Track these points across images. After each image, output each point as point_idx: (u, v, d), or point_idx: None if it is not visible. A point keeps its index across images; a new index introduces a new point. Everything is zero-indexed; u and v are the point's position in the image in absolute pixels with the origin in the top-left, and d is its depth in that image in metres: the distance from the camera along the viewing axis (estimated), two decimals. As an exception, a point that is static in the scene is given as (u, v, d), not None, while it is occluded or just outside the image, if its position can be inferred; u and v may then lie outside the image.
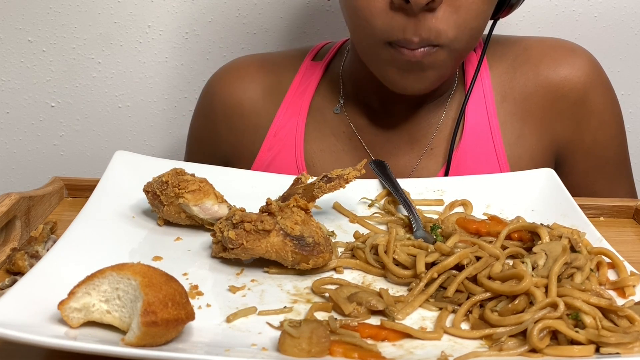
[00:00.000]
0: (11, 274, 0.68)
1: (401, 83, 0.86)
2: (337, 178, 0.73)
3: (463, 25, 0.82)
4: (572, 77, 0.97)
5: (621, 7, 1.30)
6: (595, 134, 0.98)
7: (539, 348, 0.54)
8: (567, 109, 0.97)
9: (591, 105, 0.97)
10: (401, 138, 0.99)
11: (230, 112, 1.04)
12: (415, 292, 0.63)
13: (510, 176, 0.87)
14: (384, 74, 0.87)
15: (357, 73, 0.99)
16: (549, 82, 0.97)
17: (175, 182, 0.72)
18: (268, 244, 0.65)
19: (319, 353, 0.53)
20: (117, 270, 0.54)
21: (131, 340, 0.51)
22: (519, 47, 1.00)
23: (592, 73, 0.97)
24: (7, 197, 0.74)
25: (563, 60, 0.97)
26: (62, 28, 1.28)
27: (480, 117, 0.97)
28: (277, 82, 1.04)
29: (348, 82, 1.02)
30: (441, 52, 0.83)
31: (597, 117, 0.98)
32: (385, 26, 0.81)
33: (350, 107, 1.01)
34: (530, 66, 0.98)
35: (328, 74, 1.04)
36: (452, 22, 0.81)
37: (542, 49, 0.99)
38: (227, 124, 1.04)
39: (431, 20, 0.80)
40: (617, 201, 0.87)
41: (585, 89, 0.97)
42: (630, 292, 0.64)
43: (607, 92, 0.99)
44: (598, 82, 0.98)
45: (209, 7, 1.29)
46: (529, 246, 0.70)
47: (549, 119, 0.98)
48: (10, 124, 1.35)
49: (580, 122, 0.98)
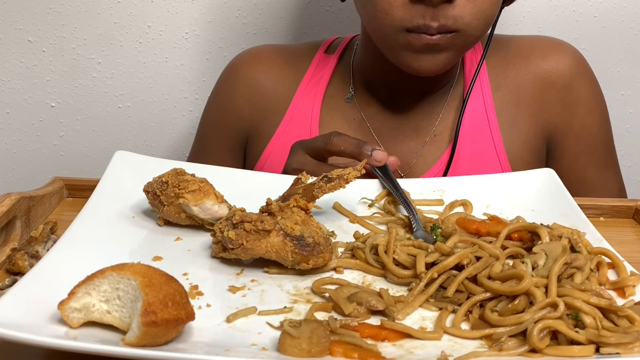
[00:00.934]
0: (11, 274, 0.68)
1: (415, 64, 0.92)
2: (337, 178, 0.73)
3: (479, 13, 0.88)
4: (559, 66, 1.05)
5: (621, 7, 1.30)
6: (583, 120, 1.06)
7: (539, 348, 0.54)
8: (555, 96, 1.05)
9: (577, 92, 1.05)
10: (407, 125, 1.05)
11: (253, 92, 1.10)
12: (415, 292, 0.63)
13: (511, 176, 0.87)
14: (400, 57, 0.92)
15: (366, 66, 1.07)
16: (538, 71, 1.05)
17: (175, 182, 0.72)
18: (268, 244, 0.65)
19: (319, 353, 0.53)
20: (117, 270, 0.54)
21: (131, 340, 0.51)
22: (512, 43, 1.08)
23: (577, 64, 1.06)
24: (7, 197, 0.74)
25: (550, 53, 1.06)
26: (62, 28, 1.29)
27: (478, 106, 1.04)
28: (295, 70, 1.11)
29: (358, 74, 1.08)
30: (457, 37, 0.89)
31: (583, 104, 1.06)
32: (405, 16, 0.87)
33: (360, 97, 1.08)
34: (521, 58, 1.06)
35: (340, 66, 1.11)
36: (468, 10, 0.87)
37: (531, 44, 1.08)
38: (251, 102, 1.10)
39: (449, 8, 0.86)
40: (617, 201, 0.87)
41: (571, 77, 1.05)
42: (630, 292, 0.64)
43: (591, 81, 1.07)
44: (583, 71, 1.06)
45: (209, 7, 1.29)
46: (529, 246, 0.70)
47: (540, 105, 1.05)
48: (10, 124, 1.35)
49: (569, 108, 1.06)
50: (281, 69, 1.11)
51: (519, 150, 1.03)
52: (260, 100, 1.10)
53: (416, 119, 1.05)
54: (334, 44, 1.14)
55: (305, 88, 1.09)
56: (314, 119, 1.07)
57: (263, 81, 1.10)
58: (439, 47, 0.89)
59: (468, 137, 1.03)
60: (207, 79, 1.33)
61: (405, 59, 0.92)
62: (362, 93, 1.08)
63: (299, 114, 1.08)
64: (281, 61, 1.11)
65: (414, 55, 0.91)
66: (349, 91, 1.08)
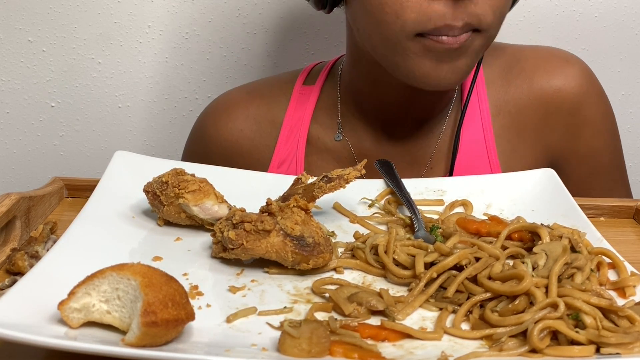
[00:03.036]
0: (11, 274, 0.68)
1: (434, 75, 0.81)
2: (337, 178, 0.73)
3: (498, 10, 0.80)
4: (565, 88, 0.96)
5: (621, 7, 1.30)
6: (589, 143, 0.99)
7: (539, 348, 0.54)
8: (560, 120, 0.98)
9: (585, 115, 0.98)
10: (403, 159, 0.97)
11: (229, 153, 1.01)
12: (415, 293, 0.63)
13: (511, 176, 0.86)
14: (414, 69, 0.82)
15: (357, 93, 0.97)
16: (542, 93, 0.97)
17: (175, 182, 0.72)
18: (268, 244, 0.65)
19: (319, 353, 0.53)
20: (117, 270, 0.54)
21: (131, 340, 0.51)
22: (513, 57, 1.00)
23: (585, 83, 0.97)
24: (7, 197, 0.74)
25: (556, 72, 0.97)
26: (62, 28, 1.28)
27: (476, 133, 0.96)
28: (271, 114, 1.00)
29: (346, 103, 0.98)
30: (479, 37, 0.81)
31: (590, 126, 0.98)
32: (420, 17, 0.78)
33: (350, 133, 0.98)
34: (524, 79, 0.98)
35: (323, 99, 1.00)
36: (489, 6, 0.79)
37: (535, 60, 0.99)
38: (230, 162, 0.98)
39: (470, 6, 0.78)
40: (618, 201, 0.87)
41: (579, 100, 0.97)
42: (631, 292, 0.64)
43: (600, 101, 0.99)
44: (591, 92, 0.98)
45: (209, 7, 1.29)
46: (529, 246, 0.70)
47: (543, 130, 0.98)
48: (10, 124, 1.35)
49: (574, 132, 0.98)
50: (255, 117, 1.00)
51: None
52: (239, 158, 0.99)
53: (412, 151, 0.97)
54: (314, 72, 1.03)
55: (289, 131, 0.98)
56: (299, 165, 0.97)
57: (237, 139, 0.99)
58: (460, 52, 0.80)
59: (465, 165, 0.96)
60: (207, 79, 1.33)
61: (422, 69, 0.81)
62: (353, 128, 0.98)
63: (285, 161, 0.98)
64: (254, 108, 1.00)
65: (433, 64, 0.80)
66: (336, 126, 0.98)
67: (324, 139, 0.99)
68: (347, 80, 0.98)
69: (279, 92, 1.02)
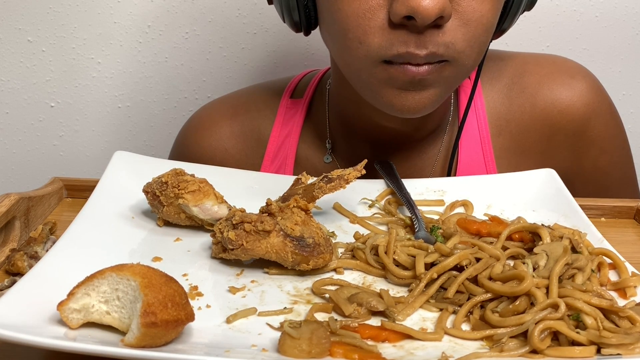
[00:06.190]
0: (10, 274, 0.68)
1: (398, 103, 0.76)
2: (338, 178, 0.72)
3: (472, 40, 0.73)
4: (571, 108, 0.91)
5: (622, 7, 1.29)
6: (596, 161, 0.94)
7: (540, 349, 0.54)
8: (565, 141, 0.93)
9: (591, 134, 0.92)
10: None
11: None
12: (416, 293, 0.63)
13: (511, 176, 0.86)
14: (379, 96, 0.77)
15: (343, 113, 0.92)
16: (546, 114, 0.91)
17: (175, 182, 0.72)
18: (268, 245, 0.65)
19: (319, 354, 0.53)
20: (116, 271, 0.54)
21: (131, 341, 0.51)
22: (515, 72, 0.93)
23: (592, 101, 0.91)
24: (7, 198, 0.74)
25: (561, 90, 0.91)
26: (62, 28, 1.28)
27: (475, 154, 0.91)
28: (257, 131, 0.95)
29: (335, 122, 0.93)
30: (448, 67, 0.74)
31: (597, 145, 0.93)
32: (383, 42, 0.72)
33: (340, 154, 0.94)
34: (526, 97, 0.92)
35: (311, 117, 0.95)
36: (461, 35, 0.72)
37: (539, 76, 0.92)
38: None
39: (437, 33, 0.71)
40: (619, 202, 0.87)
41: (586, 119, 0.91)
42: (632, 292, 0.64)
43: (608, 118, 0.94)
44: (599, 110, 0.92)
45: (209, 7, 1.28)
46: (529, 247, 0.70)
47: (547, 151, 0.93)
48: (10, 124, 1.35)
49: (579, 152, 0.94)
50: (240, 135, 0.95)
51: None
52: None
53: (406, 174, 0.90)
54: (302, 83, 0.97)
55: (276, 149, 0.93)
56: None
57: (221, 158, 0.94)
58: (427, 83, 0.73)
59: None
60: (207, 79, 1.33)
61: (386, 98, 0.75)
62: (343, 149, 0.92)
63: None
64: (238, 124, 0.95)
65: (396, 93, 0.74)
66: (325, 146, 0.92)
67: (312, 160, 0.94)
68: (335, 100, 0.93)
69: (264, 106, 0.97)
